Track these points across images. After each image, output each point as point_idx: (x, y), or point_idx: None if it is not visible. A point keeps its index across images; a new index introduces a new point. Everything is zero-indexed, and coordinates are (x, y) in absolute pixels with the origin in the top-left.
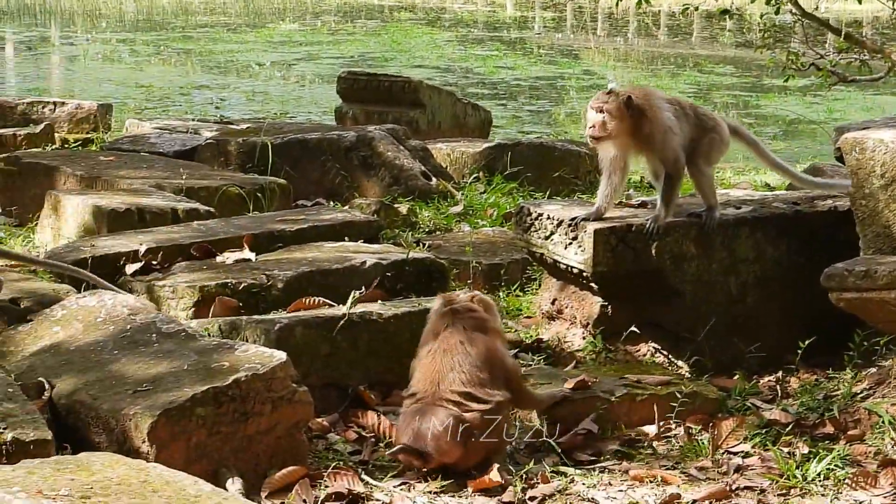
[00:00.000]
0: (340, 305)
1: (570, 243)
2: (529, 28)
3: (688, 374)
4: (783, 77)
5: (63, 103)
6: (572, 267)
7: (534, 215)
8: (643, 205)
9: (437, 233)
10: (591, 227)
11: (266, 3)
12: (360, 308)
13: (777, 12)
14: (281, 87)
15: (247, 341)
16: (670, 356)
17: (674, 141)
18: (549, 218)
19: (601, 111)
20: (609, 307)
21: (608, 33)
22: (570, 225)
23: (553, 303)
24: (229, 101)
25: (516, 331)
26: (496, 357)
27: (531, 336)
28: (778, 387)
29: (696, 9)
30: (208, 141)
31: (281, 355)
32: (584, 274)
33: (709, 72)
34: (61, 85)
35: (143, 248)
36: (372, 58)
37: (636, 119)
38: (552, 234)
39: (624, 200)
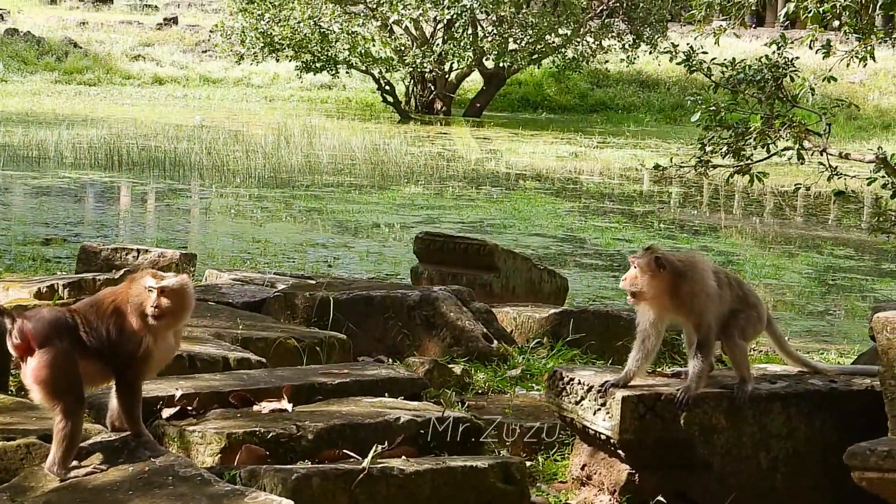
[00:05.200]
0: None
1: (599, 409)
2: (661, 202)
3: None
4: None
5: (147, 251)
6: (600, 433)
7: (566, 380)
8: (677, 375)
9: (490, 395)
10: (620, 394)
11: (393, 165)
12: (381, 463)
13: (893, 196)
14: (394, 249)
15: (264, 489)
16: None
17: (710, 308)
18: (580, 383)
19: (636, 266)
20: (636, 475)
21: (743, 212)
22: (598, 391)
23: (583, 468)
24: (343, 259)
25: (548, 494)
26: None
27: (560, 501)
28: None
29: (808, 189)
30: (276, 294)
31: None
32: (612, 440)
33: (828, 254)
34: (176, 236)
35: (178, 394)
36: (491, 224)
37: (673, 279)
38: (582, 399)
39: (657, 370)
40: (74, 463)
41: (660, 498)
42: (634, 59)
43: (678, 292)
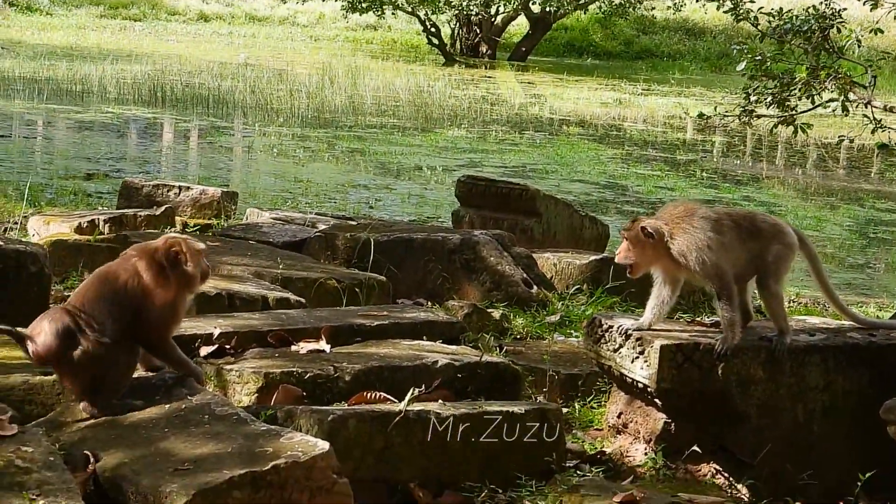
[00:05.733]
0: (400, 402)
1: (637, 357)
2: (704, 152)
3: (746, 499)
4: None
5: (188, 188)
6: (638, 381)
7: (604, 327)
8: (716, 325)
9: (529, 340)
10: (658, 342)
11: (437, 108)
12: (418, 406)
13: None
14: (436, 192)
15: (300, 430)
16: (731, 479)
17: (711, 259)
18: (618, 331)
19: (626, 239)
20: (672, 424)
21: (786, 163)
22: (622, 335)
23: (619, 416)
24: (384, 201)
25: (583, 442)
26: (133, 306)
27: (595, 448)
28: None
29: (852, 141)
30: (317, 234)
31: (324, 445)
32: (649, 389)
33: (870, 206)
34: (218, 174)
35: (216, 332)
36: (533, 169)
37: (664, 244)
38: (620, 346)
39: (696, 319)
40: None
41: (695, 448)
42: (681, 6)
43: (671, 254)
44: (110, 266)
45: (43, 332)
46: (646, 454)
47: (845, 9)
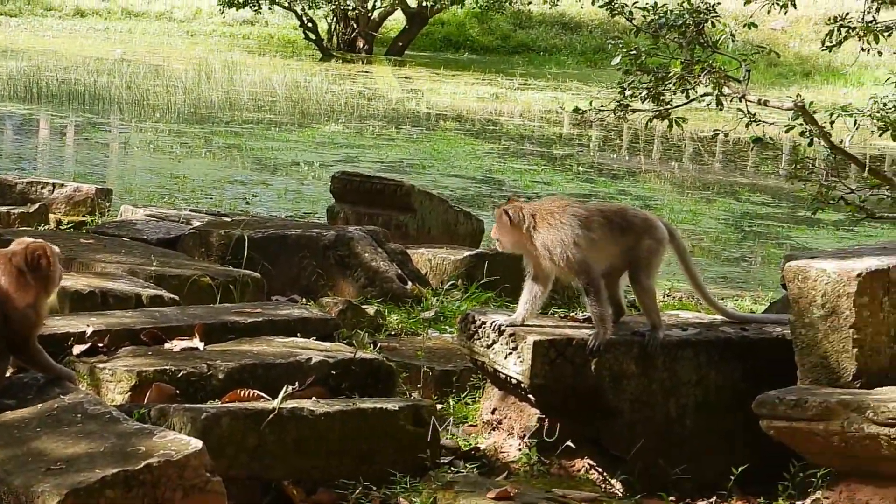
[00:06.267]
0: (274, 399)
1: (510, 353)
2: (581, 146)
3: (620, 494)
4: (811, 209)
5: (62, 185)
6: (511, 377)
7: (478, 323)
8: (588, 320)
9: (403, 336)
10: (531, 338)
11: (314, 103)
12: (291, 403)
13: (811, 144)
14: (314, 188)
15: (173, 429)
16: (605, 474)
17: (577, 256)
18: (492, 327)
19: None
20: (546, 420)
21: (662, 157)
22: (495, 330)
23: (493, 412)
24: (260, 197)
25: (458, 438)
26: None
27: (469, 444)
28: None
29: (727, 135)
30: (191, 231)
31: (196, 443)
32: (522, 385)
33: (745, 200)
34: (94, 170)
35: (89, 330)
36: (410, 164)
37: (526, 232)
38: (494, 342)
39: (569, 314)
40: None
41: (569, 443)
42: (557, 1)
43: (534, 244)
44: None
45: None
46: (520, 450)
47: (719, 3)
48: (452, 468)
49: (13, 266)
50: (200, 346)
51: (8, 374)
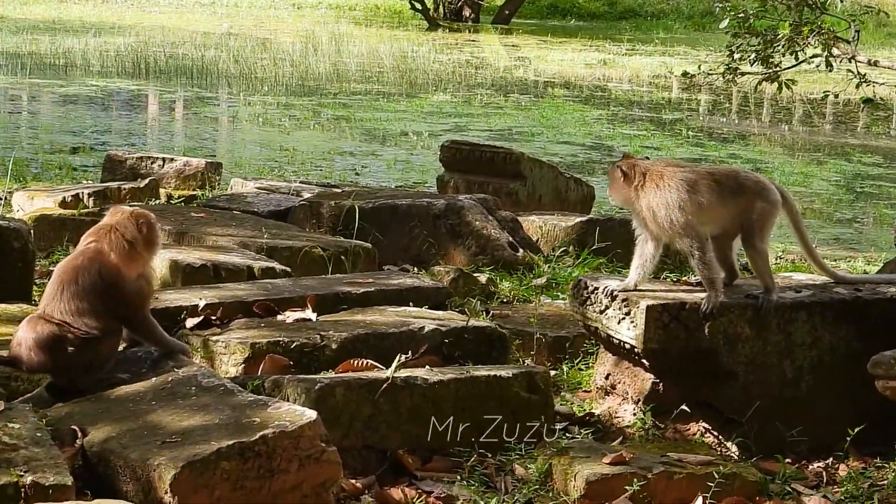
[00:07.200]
0: (388, 369)
1: (623, 318)
2: (690, 111)
3: (735, 457)
4: None
5: (172, 160)
6: (624, 342)
7: (590, 289)
8: (701, 283)
9: (515, 304)
10: (644, 303)
11: (421, 73)
12: (405, 372)
13: None
14: (423, 157)
15: (287, 400)
16: (720, 437)
17: (680, 220)
18: (604, 292)
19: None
20: (660, 384)
21: (771, 120)
22: (608, 296)
23: (607, 378)
24: (370, 167)
25: (572, 404)
26: (111, 287)
27: (584, 410)
28: (825, 473)
29: (837, 96)
30: (302, 203)
31: (311, 414)
32: (636, 350)
33: (856, 161)
34: (203, 144)
35: (202, 303)
36: (519, 132)
37: (636, 191)
38: (607, 308)
39: (682, 279)
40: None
41: (684, 407)
42: None
43: (640, 203)
44: (69, 261)
45: (27, 347)
46: (634, 415)
47: None
48: (567, 434)
49: (122, 238)
50: (313, 316)
51: (121, 348)
